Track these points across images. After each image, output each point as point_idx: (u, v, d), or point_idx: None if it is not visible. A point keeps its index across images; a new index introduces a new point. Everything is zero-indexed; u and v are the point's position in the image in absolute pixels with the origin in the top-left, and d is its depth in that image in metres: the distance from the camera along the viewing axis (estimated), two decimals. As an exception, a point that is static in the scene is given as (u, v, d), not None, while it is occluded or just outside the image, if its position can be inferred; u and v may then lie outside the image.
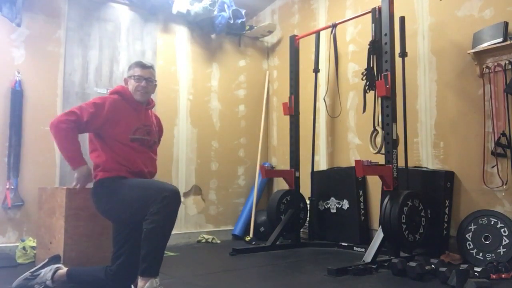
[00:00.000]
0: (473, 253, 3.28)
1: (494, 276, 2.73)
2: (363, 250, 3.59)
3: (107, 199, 2.33)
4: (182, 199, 4.58)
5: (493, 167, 3.33)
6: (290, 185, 4.28)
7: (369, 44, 3.58)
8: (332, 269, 2.92)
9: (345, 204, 4.18)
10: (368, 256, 3.14)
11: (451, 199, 3.52)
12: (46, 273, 2.44)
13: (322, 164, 4.64)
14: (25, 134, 3.72)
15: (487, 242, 3.22)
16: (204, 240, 4.54)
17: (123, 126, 2.40)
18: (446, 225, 3.48)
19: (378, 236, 3.23)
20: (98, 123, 2.35)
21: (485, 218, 3.28)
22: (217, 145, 4.92)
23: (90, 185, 2.45)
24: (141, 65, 2.54)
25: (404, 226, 3.12)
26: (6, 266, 3.16)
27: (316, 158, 4.55)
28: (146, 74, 2.52)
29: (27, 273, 2.46)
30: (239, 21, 4.95)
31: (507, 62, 3.27)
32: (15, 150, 3.63)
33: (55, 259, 2.57)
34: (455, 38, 3.63)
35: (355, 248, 3.87)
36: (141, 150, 2.44)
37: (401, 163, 3.42)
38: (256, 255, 3.79)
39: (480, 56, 3.39)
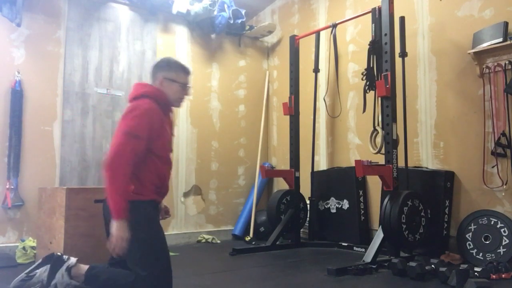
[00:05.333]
0: (473, 253, 3.27)
1: (494, 276, 2.73)
2: (363, 250, 3.59)
3: (142, 227, 1.98)
4: (182, 199, 4.58)
5: (493, 167, 3.33)
6: (290, 185, 4.28)
7: (369, 44, 3.58)
8: (332, 269, 2.92)
9: (345, 204, 4.18)
10: (368, 256, 3.14)
11: (451, 199, 3.52)
12: (42, 273, 2.41)
13: (322, 164, 4.64)
14: (25, 134, 3.72)
15: (487, 242, 3.22)
16: (204, 240, 4.54)
17: (163, 138, 2.10)
18: (446, 225, 3.48)
19: (378, 236, 3.23)
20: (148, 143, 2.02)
21: (485, 218, 3.28)
22: (217, 145, 4.92)
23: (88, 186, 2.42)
24: (188, 71, 2.24)
25: (404, 226, 3.12)
26: (6, 266, 3.16)
27: (316, 158, 4.55)
28: (189, 81, 2.25)
29: (23, 274, 2.44)
30: (239, 21, 4.95)
31: (507, 62, 3.27)
32: (15, 150, 3.63)
33: (49, 259, 2.55)
34: (455, 38, 3.63)
35: (355, 248, 3.88)
36: (169, 162, 2.19)
37: (401, 163, 3.42)
38: (256, 255, 3.79)
39: (480, 56, 3.39)
